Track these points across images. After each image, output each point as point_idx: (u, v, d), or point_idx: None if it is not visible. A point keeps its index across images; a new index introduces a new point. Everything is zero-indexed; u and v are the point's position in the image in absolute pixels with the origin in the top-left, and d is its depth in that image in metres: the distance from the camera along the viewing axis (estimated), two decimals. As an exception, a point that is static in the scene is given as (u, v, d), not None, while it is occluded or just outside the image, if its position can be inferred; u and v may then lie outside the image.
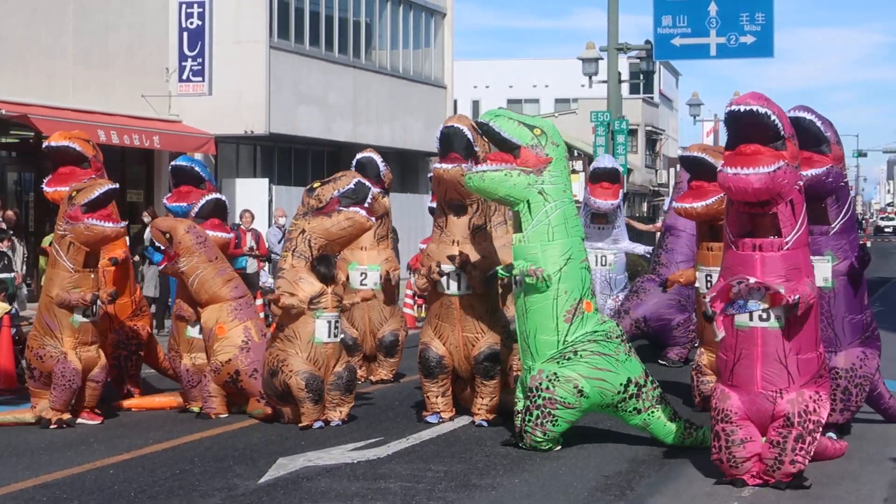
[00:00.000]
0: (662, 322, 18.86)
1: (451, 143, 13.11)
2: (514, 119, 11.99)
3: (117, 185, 14.05)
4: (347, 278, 16.53)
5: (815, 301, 10.31)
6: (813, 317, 10.30)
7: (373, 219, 13.61)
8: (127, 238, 15.62)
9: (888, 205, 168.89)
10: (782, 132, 10.03)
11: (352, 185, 13.27)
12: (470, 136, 12.93)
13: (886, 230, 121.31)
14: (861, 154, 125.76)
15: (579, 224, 12.24)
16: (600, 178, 20.29)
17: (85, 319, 13.51)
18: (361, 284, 16.71)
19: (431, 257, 13.38)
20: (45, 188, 14.63)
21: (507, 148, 11.87)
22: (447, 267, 13.18)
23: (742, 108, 9.96)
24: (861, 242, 12.09)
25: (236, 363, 13.80)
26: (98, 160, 14.73)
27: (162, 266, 14.58)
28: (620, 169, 20.77)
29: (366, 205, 13.34)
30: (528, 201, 11.86)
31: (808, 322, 10.24)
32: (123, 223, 13.87)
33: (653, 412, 11.94)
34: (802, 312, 10.08)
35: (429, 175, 13.29)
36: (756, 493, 10.17)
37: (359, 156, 17.09)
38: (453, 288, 13.22)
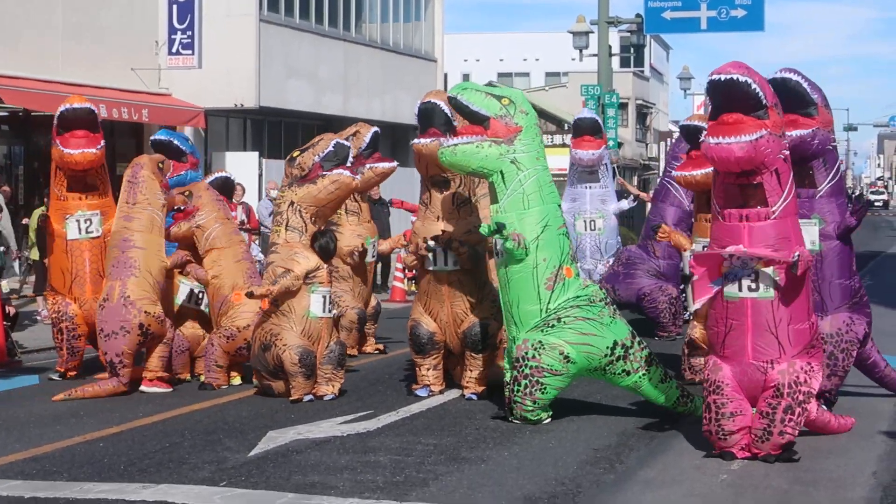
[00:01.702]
0: (631, 292, 18.87)
1: (430, 119, 13.12)
2: (481, 91, 12.03)
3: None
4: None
5: (809, 269, 10.32)
6: (804, 286, 10.31)
7: (357, 176, 13.61)
8: None
9: (878, 179, 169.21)
10: (764, 101, 10.00)
11: (331, 148, 13.28)
12: (448, 111, 12.90)
13: (876, 204, 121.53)
14: (851, 128, 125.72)
15: (555, 190, 12.23)
16: (582, 131, 20.30)
17: None
18: (372, 257, 16.76)
19: (418, 234, 13.39)
20: (70, 151, 14.40)
21: (477, 120, 11.88)
22: (434, 243, 13.19)
23: (723, 77, 9.94)
24: (859, 194, 12.15)
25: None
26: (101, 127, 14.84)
27: (173, 226, 14.59)
28: (600, 121, 20.75)
29: (348, 163, 13.37)
30: (501, 172, 11.87)
31: (800, 291, 10.23)
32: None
33: (643, 374, 11.97)
34: (797, 279, 10.08)
35: None
36: (745, 465, 10.20)
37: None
38: (440, 264, 13.22)
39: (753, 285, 10.15)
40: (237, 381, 14.28)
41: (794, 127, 11.39)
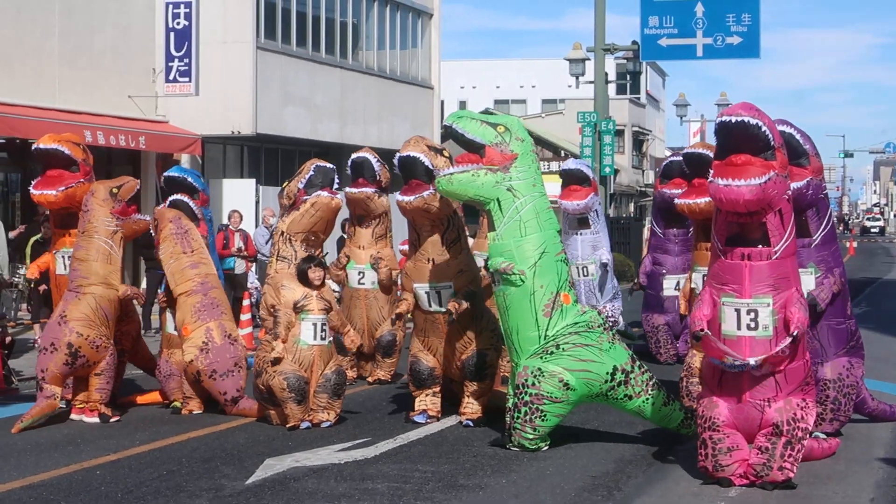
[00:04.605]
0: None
1: (412, 171, 13.11)
2: (476, 119, 12.05)
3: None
4: (347, 277, 16.64)
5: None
6: None
7: (338, 196, 13.59)
8: None
9: (874, 205, 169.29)
10: (772, 142, 10.04)
11: (311, 173, 13.35)
12: (427, 161, 12.93)
13: (873, 230, 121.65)
14: (848, 155, 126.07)
15: (553, 217, 12.23)
16: (569, 181, 20.29)
17: None
18: (359, 283, 16.73)
19: (410, 276, 13.38)
20: (33, 191, 14.55)
21: (473, 148, 11.91)
22: (424, 286, 13.19)
23: (733, 119, 9.95)
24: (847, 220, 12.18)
25: (197, 364, 13.97)
26: (87, 164, 14.71)
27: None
28: (589, 171, 20.64)
29: (334, 186, 13.45)
30: (497, 199, 11.88)
31: None
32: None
33: (646, 398, 11.99)
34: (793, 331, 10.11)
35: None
36: (742, 493, 10.19)
37: (354, 156, 17.01)
38: (435, 306, 13.24)
39: (752, 324, 10.15)
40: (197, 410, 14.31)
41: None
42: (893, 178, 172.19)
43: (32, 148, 14.74)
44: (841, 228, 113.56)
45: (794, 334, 10.02)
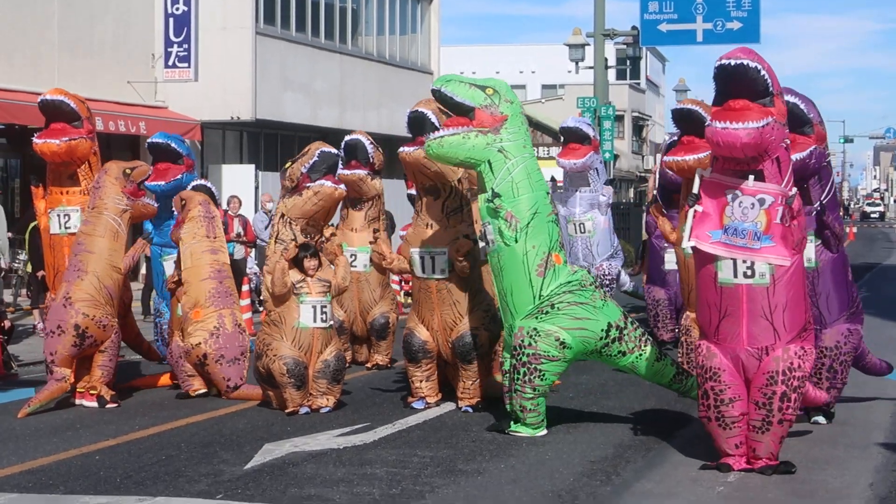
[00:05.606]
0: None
1: (420, 128, 13.13)
2: (465, 82, 12.06)
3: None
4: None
5: (803, 248, 10.30)
6: (798, 270, 10.27)
7: (341, 186, 13.58)
8: None
9: (874, 190, 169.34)
10: (771, 88, 9.99)
11: (316, 158, 13.31)
12: (436, 120, 12.95)
13: (873, 216, 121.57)
14: (848, 140, 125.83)
15: (542, 178, 12.24)
16: (568, 139, 20.21)
17: None
18: (351, 266, 16.72)
19: (409, 242, 13.39)
20: (36, 140, 14.52)
21: (462, 111, 11.93)
22: (418, 250, 13.19)
23: (732, 62, 9.90)
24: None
25: (205, 347, 14.01)
26: (91, 123, 14.77)
27: (173, 230, 14.80)
28: (589, 130, 20.49)
29: (336, 173, 13.45)
30: (488, 161, 11.89)
31: (794, 276, 10.19)
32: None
33: (639, 354, 12.05)
34: (793, 269, 10.07)
35: None
36: (742, 477, 10.20)
37: (347, 138, 17.04)
38: (428, 272, 13.22)
39: (749, 272, 10.13)
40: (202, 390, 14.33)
41: (792, 148, 11.32)
42: (893, 164, 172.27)
43: (39, 100, 14.73)
44: (841, 213, 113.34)
45: (793, 194, 10.00)
